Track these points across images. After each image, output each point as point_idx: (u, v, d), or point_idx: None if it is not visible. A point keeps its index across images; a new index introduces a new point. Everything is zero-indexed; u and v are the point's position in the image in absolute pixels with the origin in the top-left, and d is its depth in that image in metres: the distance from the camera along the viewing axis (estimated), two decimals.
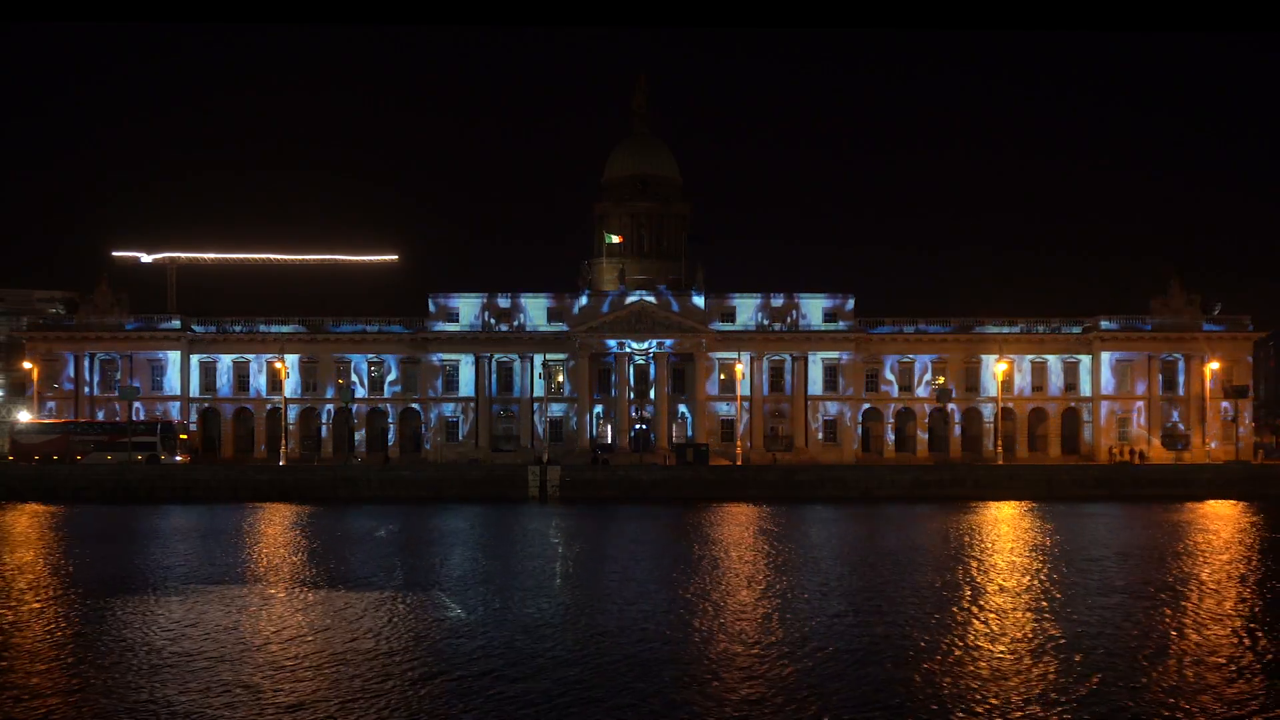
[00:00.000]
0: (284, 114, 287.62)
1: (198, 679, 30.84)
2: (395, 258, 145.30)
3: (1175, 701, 28.62)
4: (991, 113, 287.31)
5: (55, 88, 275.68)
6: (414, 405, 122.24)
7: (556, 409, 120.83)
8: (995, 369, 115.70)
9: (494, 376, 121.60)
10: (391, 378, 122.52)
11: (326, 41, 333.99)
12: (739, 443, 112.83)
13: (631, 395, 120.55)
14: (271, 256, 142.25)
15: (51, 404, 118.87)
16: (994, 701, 28.54)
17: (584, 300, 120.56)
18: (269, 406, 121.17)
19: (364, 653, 34.02)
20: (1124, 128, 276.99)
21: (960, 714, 27.50)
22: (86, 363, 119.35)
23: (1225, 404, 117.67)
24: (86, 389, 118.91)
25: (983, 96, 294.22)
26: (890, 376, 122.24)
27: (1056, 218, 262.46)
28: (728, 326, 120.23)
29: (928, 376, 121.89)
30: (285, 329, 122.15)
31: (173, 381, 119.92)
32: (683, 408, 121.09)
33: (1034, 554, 57.34)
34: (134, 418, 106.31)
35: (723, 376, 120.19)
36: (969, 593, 45.15)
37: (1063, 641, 35.39)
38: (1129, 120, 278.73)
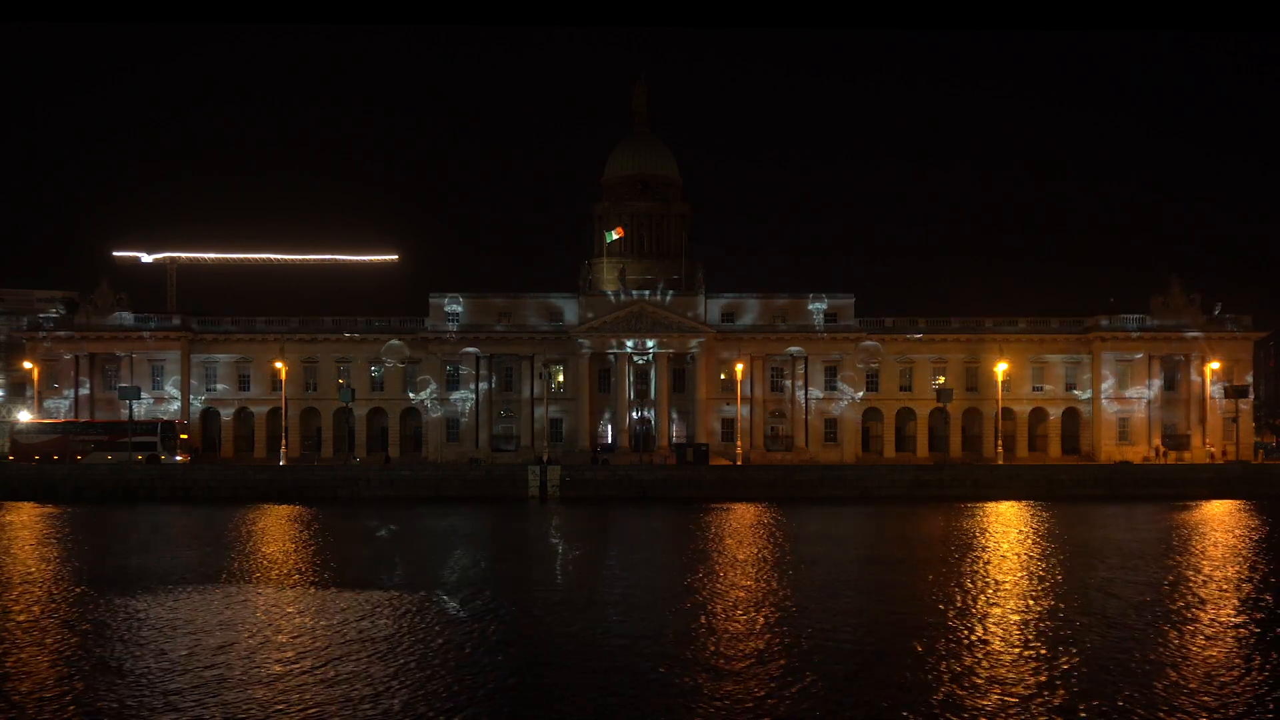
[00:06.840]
0: (284, 114, 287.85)
1: (192, 681, 30.80)
2: (395, 258, 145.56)
3: (1177, 702, 28.59)
4: (992, 113, 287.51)
5: (57, 88, 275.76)
6: (414, 405, 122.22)
7: (556, 409, 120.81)
8: (995, 369, 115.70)
9: (494, 376, 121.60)
10: (391, 378, 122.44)
11: (327, 42, 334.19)
12: (739, 443, 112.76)
13: (631, 395, 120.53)
14: (271, 256, 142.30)
15: (51, 404, 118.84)
16: (996, 702, 28.52)
17: (584, 300, 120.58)
18: (269, 406, 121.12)
19: (364, 653, 33.98)
20: (1124, 129, 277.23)
21: (961, 714, 27.49)
22: (86, 362, 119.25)
23: (1225, 404, 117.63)
24: (86, 388, 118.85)
25: (983, 97, 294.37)
26: (890, 376, 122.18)
27: (1057, 218, 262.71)
28: (728, 326, 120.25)
29: (928, 376, 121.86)
30: (285, 329, 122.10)
31: (173, 381, 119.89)
32: (683, 408, 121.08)
33: (1035, 553, 57.31)
34: (134, 417, 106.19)
35: (723, 376, 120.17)
36: (971, 592, 45.11)
37: (1066, 640, 35.37)
38: (1129, 121, 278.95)
